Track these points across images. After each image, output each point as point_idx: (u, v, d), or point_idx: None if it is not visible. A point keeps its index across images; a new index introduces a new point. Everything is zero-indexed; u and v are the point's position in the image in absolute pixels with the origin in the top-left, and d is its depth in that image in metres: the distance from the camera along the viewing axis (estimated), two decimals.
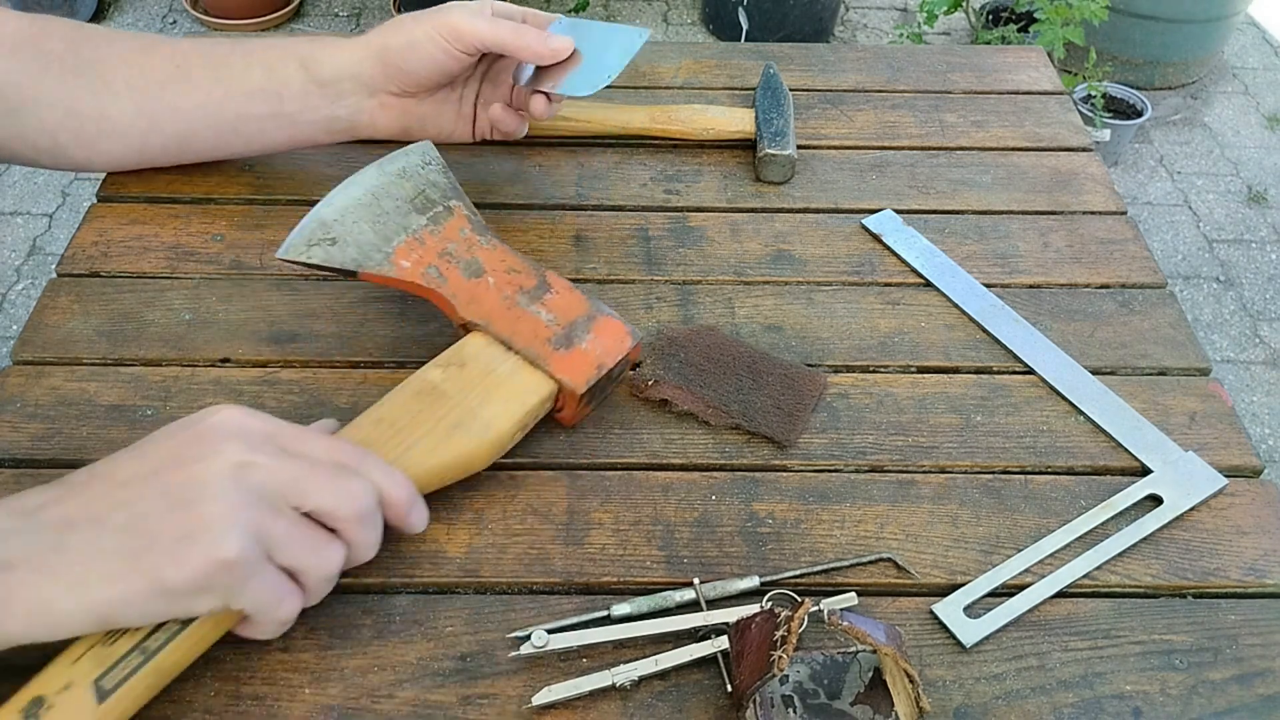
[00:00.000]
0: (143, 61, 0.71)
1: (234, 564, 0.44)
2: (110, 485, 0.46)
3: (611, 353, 0.61)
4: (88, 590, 0.43)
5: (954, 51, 0.99)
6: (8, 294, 2.04)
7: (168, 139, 0.73)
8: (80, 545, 0.44)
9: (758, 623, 0.49)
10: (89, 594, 0.43)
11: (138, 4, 2.85)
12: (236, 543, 0.44)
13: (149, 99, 0.71)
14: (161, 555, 0.44)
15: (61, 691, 0.44)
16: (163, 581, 0.44)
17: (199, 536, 0.44)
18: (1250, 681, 0.53)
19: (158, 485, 0.45)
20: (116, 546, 0.44)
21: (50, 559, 0.43)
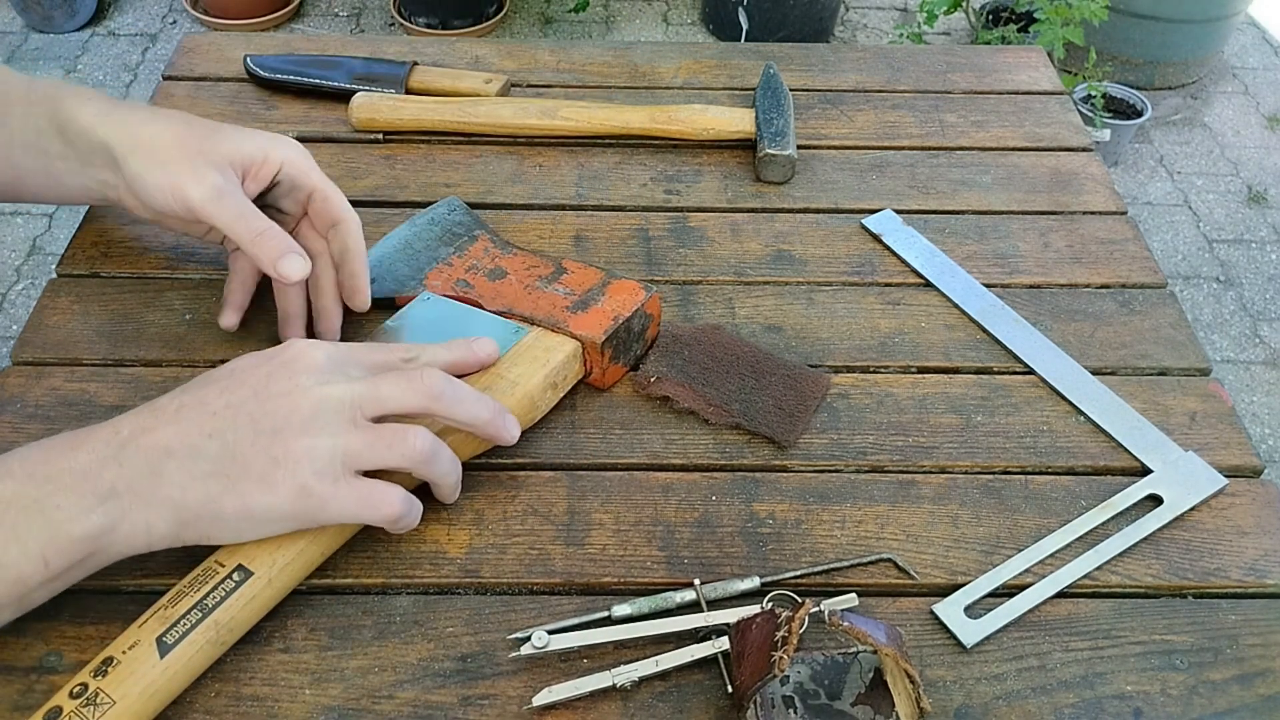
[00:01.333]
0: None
1: (313, 489, 0.49)
2: (202, 414, 0.50)
3: (627, 305, 0.65)
4: (184, 512, 0.49)
5: (954, 51, 0.99)
6: (8, 294, 2.04)
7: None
8: (178, 472, 0.48)
9: (758, 623, 0.49)
10: (158, 525, 0.48)
11: (138, 4, 2.85)
12: (315, 468, 0.49)
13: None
14: (252, 482, 0.49)
15: (129, 650, 0.48)
16: (252, 505, 0.49)
17: (284, 463, 0.49)
18: (1251, 681, 0.53)
19: (246, 415, 0.49)
20: (211, 472, 0.49)
21: (151, 485, 0.48)
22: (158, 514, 0.49)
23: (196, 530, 0.50)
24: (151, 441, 0.49)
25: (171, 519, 0.49)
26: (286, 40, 0.96)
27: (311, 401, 0.51)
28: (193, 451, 0.49)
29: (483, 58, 0.96)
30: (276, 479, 0.49)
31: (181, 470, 0.49)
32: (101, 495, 0.48)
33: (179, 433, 0.49)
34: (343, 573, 0.56)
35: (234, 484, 0.49)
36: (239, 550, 0.52)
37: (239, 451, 0.49)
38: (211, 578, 0.51)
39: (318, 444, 0.50)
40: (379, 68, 0.90)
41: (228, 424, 0.49)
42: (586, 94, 0.91)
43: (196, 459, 0.49)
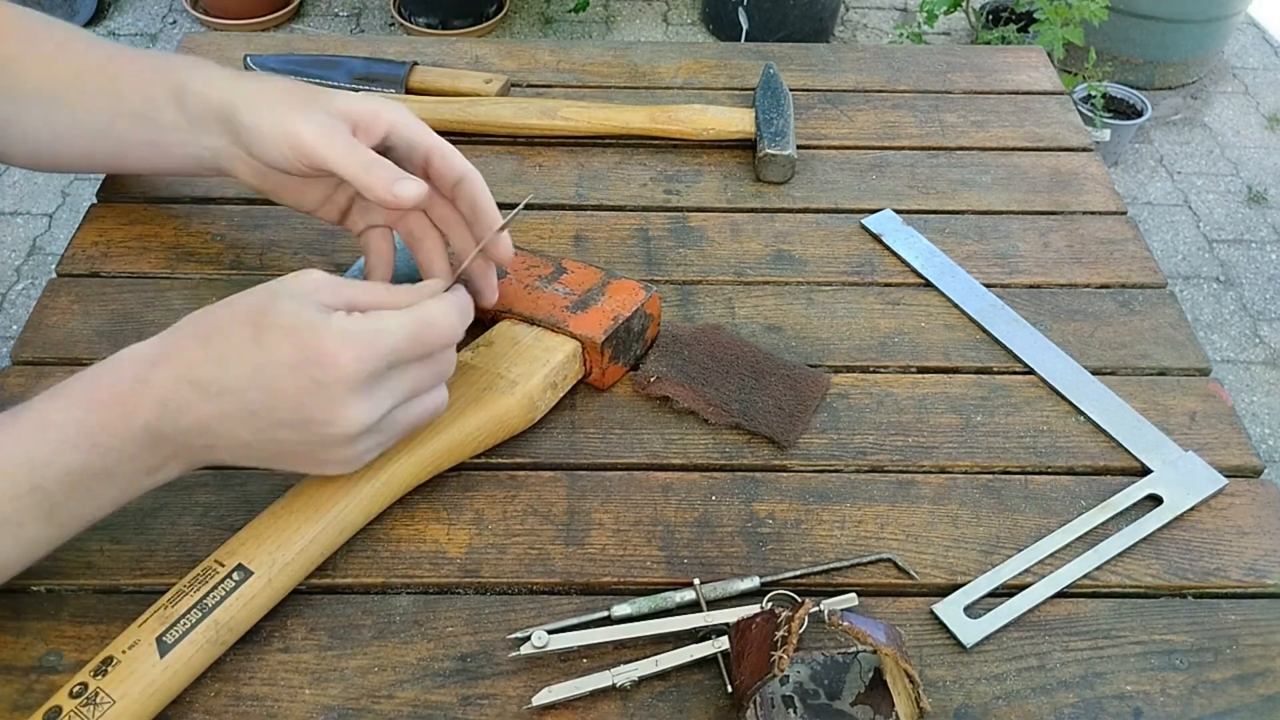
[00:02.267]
0: (50, 68, 0.68)
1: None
2: (244, 414, 0.50)
3: (626, 305, 0.64)
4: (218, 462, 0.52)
5: (954, 51, 0.99)
6: (8, 294, 2.04)
7: (75, 152, 0.70)
8: (227, 455, 0.52)
9: (758, 623, 0.49)
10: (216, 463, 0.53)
11: (138, 4, 2.85)
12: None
13: (54, 111, 0.68)
14: (300, 466, 0.53)
15: (129, 649, 0.48)
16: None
17: (330, 463, 0.53)
18: (1250, 681, 0.53)
19: (296, 433, 0.51)
20: (259, 459, 0.52)
21: (204, 455, 0.52)
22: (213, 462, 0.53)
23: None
24: (200, 426, 0.50)
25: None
26: (286, 40, 0.96)
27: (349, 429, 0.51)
28: (240, 445, 0.51)
29: (483, 58, 0.96)
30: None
31: (231, 453, 0.52)
32: (164, 457, 0.51)
33: (226, 428, 0.51)
34: (343, 573, 0.56)
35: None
36: (239, 550, 0.52)
37: (283, 451, 0.52)
38: (211, 577, 0.51)
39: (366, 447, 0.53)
40: (379, 68, 0.90)
41: (270, 434, 0.51)
42: (586, 94, 0.91)
43: (244, 450, 0.52)
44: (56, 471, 0.48)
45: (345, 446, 0.52)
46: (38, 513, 0.48)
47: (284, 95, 0.61)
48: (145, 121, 0.66)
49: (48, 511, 0.49)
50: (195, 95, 0.64)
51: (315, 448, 0.51)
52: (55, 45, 0.68)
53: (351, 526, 0.55)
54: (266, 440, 0.51)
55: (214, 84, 0.64)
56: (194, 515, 0.58)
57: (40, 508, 0.48)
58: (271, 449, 0.52)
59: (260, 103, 0.61)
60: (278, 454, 0.52)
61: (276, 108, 0.60)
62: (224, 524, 0.57)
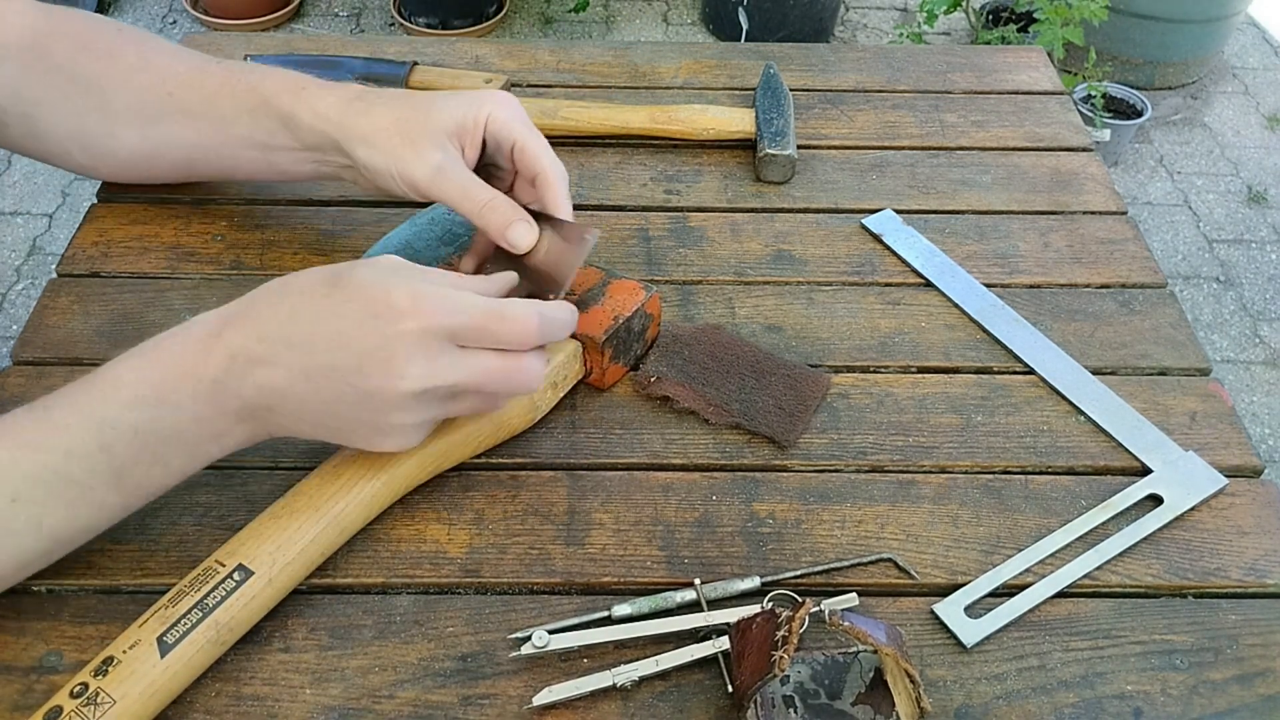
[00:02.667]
0: (141, 85, 0.69)
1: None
2: (320, 379, 0.50)
3: (626, 305, 0.64)
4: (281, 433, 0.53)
5: (954, 51, 0.99)
6: (8, 294, 2.04)
7: (172, 164, 0.73)
8: (287, 417, 0.52)
9: (758, 623, 0.49)
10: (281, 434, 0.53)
11: (138, 4, 2.85)
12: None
13: (150, 126, 0.70)
14: (357, 439, 0.53)
15: (129, 649, 0.48)
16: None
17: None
18: (1251, 681, 0.53)
19: (354, 393, 0.51)
20: (317, 424, 0.52)
21: (267, 418, 0.52)
22: (277, 431, 0.53)
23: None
24: (264, 379, 0.50)
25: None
26: (286, 40, 0.96)
27: (419, 392, 0.51)
28: (300, 404, 0.51)
29: (483, 58, 0.96)
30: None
31: (291, 417, 0.52)
32: (228, 419, 0.51)
33: (288, 381, 0.51)
34: (343, 573, 0.56)
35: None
36: (239, 550, 0.52)
37: (345, 417, 0.52)
38: (212, 577, 0.51)
39: (421, 423, 0.53)
40: (379, 68, 0.90)
41: (339, 394, 0.51)
42: (586, 94, 0.91)
43: (303, 411, 0.52)
44: (124, 431, 0.49)
45: (400, 411, 0.51)
46: (107, 475, 0.49)
47: (392, 129, 0.63)
48: (256, 145, 0.68)
49: (116, 473, 0.49)
50: (306, 128, 0.65)
51: (372, 409, 0.51)
52: (138, 62, 0.70)
53: (352, 526, 0.55)
54: (327, 399, 0.51)
55: (322, 116, 0.65)
56: (194, 515, 0.58)
57: (109, 469, 0.49)
58: (331, 410, 0.51)
59: (369, 143, 0.63)
60: (334, 417, 0.52)
61: (388, 149, 0.62)
62: (224, 524, 0.57)
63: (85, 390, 0.50)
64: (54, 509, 0.49)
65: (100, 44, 0.70)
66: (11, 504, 0.47)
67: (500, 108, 0.64)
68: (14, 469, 0.48)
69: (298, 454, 0.61)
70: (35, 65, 0.68)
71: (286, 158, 0.68)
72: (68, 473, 0.48)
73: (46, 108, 0.69)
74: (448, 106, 0.63)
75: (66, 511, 0.49)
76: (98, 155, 0.72)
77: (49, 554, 0.50)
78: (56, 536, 0.50)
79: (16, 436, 0.49)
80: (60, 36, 0.69)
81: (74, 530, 0.50)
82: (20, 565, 0.50)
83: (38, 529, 0.49)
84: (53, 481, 0.48)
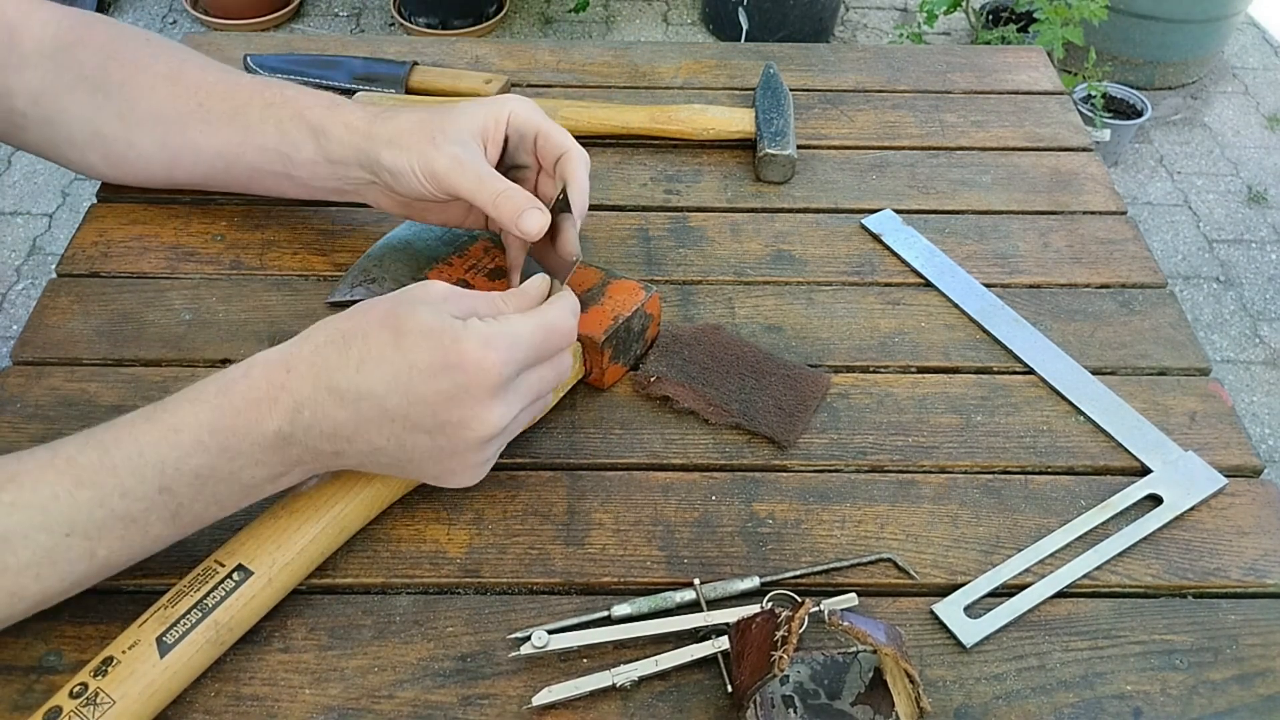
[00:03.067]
0: (168, 92, 0.69)
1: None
2: (381, 420, 0.51)
3: (626, 305, 0.64)
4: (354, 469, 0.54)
5: (954, 51, 0.99)
6: (8, 294, 2.04)
7: (190, 174, 0.73)
8: (355, 458, 0.53)
9: (758, 623, 0.49)
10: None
11: (138, 4, 2.85)
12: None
13: (172, 134, 0.70)
14: (426, 475, 0.55)
15: (128, 650, 0.48)
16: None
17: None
18: (1251, 681, 0.53)
19: (425, 439, 0.52)
20: (387, 465, 0.53)
21: (332, 461, 0.53)
22: (338, 468, 0.54)
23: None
24: (334, 430, 0.51)
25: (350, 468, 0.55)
26: (286, 40, 0.96)
27: (486, 431, 0.52)
28: (371, 450, 0.52)
29: (483, 58, 0.96)
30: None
31: (360, 457, 0.53)
32: (289, 464, 0.52)
33: (361, 434, 0.51)
34: (343, 573, 0.56)
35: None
36: (239, 550, 0.52)
37: (415, 456, 0.52)
38: (211, 577, 0.51)
39: (493, 453, 0.55)
40: (379, 68, 0.90)
41: (406, 439, 0.51)
42: (586, 94, 0.91)
43: (374, 455, 0.52)
44: (186, 474, 0.49)
45: (478, 451, 0.53)
46: (164, 514, 0.49)
47: (418, 129, 0.64)
48: (279, 156, 0.68)
49: (173, 513, 0.50)
50: (335, 140, 0.66)
51: (447, 454, 0.52)
52: (166, 71, 0.70)
53: (352, 526, 0.55)
54: (399, 445, 0.52)
55: (353, 128, 0.66)
56: None
57: (167, 509, 0.49)
58: (402, 454, 0.52)
59: (394, 144, 0.64)
60: (407, 460, 0.53)
61: (411, 146, 0.64)
62: (224, 524, 0.57)
63: (144, 431, 0.50)
64: (108, 542, 0.49)
65: (127, 53, 0.70)
66: (66, 538, 0.48)
67: (520, 104, 0.66)
68: (71, 505, 0.48)
69: None
70: (61, 73, 0.69)
71: (308, 171, 0.68)
72: (125, 511, 0.48)
73: (68, 114, 0.69)
74: (470, 109, 0.65)
75: (121, 544, 0.49)
76: (115, 162, 0.72)
77: (98, 578, 0.50)
78: (109, 565, 0.50)
79: (74, 474, 0.48)
80: (88, 46, 0.70)
81: (126, 559, 0.50)
82: (69, 589, 0.50)
83: (90, 559, 0.49)
84: (108, 519, 0.48)
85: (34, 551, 0.47)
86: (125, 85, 0.69)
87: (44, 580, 0.48)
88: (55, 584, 0.48)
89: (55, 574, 0.48)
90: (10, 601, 0.48)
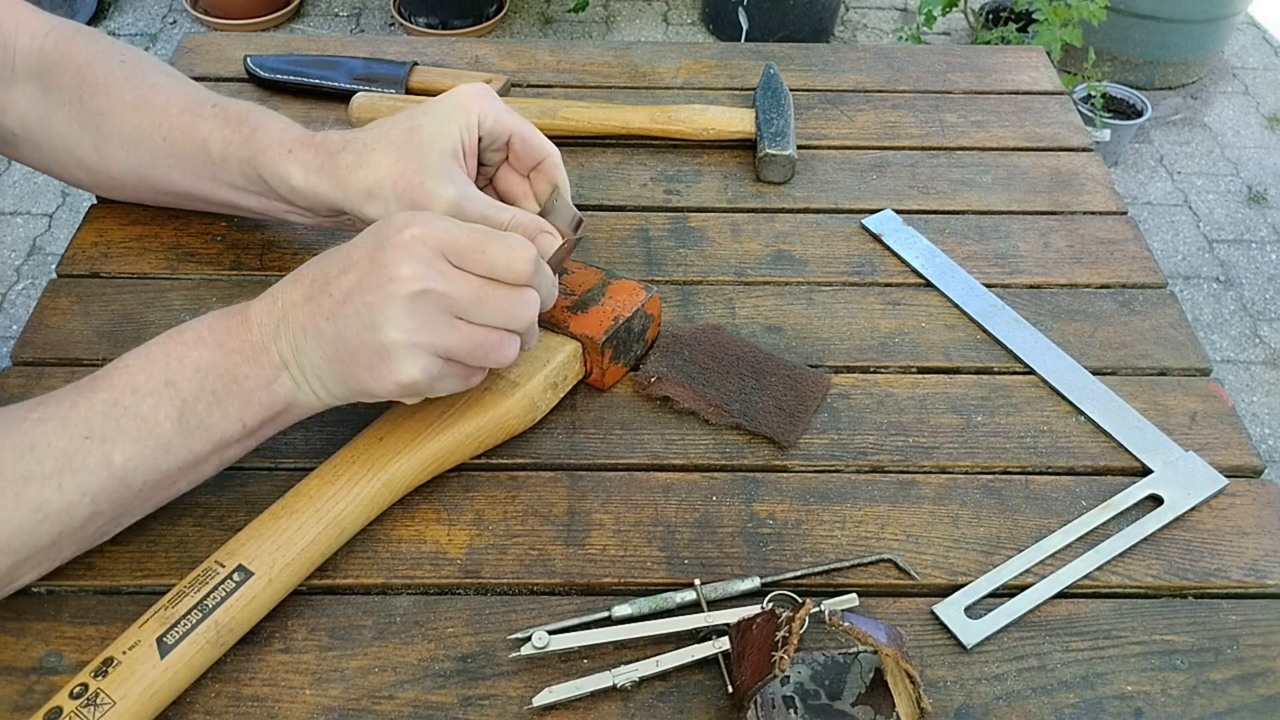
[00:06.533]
0: (136, 124, 0.69)
1: (414, 383, 0.53)
2: (324, 296, 0.52)
3: (626, 305, 0.64)
4: (330, 382, 0.54)
5: (954, 51, 0.99)
6: (8, 294, 2.04)
7: (169, 201, 0.73)
8: (311, 351, 0.53)
9: (759, 623, 0.49)
10: (320, 393, 0.54)
11: (138, 4, 2.85)
12: (413, 367, 0.52)
13: (145, 167, 0.70)
14: (362, 370, 0.53)
15: (129, 650, 0.48)
16: (365, 390, 0.54)
17: (386, 358, 0.52)
18: (1251, 682, 0.53)
19: (354, 305, 0.52)
20: (330, 354, 0.53)
21: (299, 359, 0.53)
22: (317, 382, 0.54)
23: (350, 396, 0.55)
24: (296, 317, 0.53)
25: (325, 388, 0.54)
26: (286, 40, 0.96)
27: (410, 296, 0.51)
28: (317, 333, 0.53)
29: (483, 58, 0.96)
30: (381, 372, 0.52)
31: (313, 349, 0.53)
32: (276, 366, 0.53)
33: (309, 313, 0.53)
34: (343, 573, 0.56)
35: (348, 368, 0.53)
36: (239, 551, 0.52)
37: (349, 339, 0.52)
38: (212, 578, 0.51)
39: (413, 342, 0.51)
40: (379, 68, 0.90)
41: (340, 310, 0.52)
42: (586, 94, 0.91)
43: (320, 341, 0.53)
44: (188, 367, 0.52)
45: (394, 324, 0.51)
46: (170, 410, 0.51)
47: (397, 175, 0.62)
48: (252, 195, 0.69)
49: (180, 410, 0.51)
50: (302, 194, 0.65)
51: (371, 329, 0.51)
52: (135, 100, 0.69)
53: (352, 527, 0.55)
54: (336, 322, 0.52)
55: (311, 182, 0.64)
56: (194, 515, 0.58)
57: (173, 404, 0.51)
58: (341, 335, 0.52)
59: (379, 196, 0.62)
60: (345, 344, 0.52)
61: (395, 195, 0.62)
62: (224, 524, 0.57)
63: (153, 339, 0.54)
64: (122, 444, 0.50)
65: (100, 78, 0.69)
66: (85, 441, 0.50)
67: (489, 106, 0.64)
68: (88, 410, 0.51)
69: (298, 454, 0.61)
70: (46, 96, 0.69)
71: (281, 212, 0.69)
72: (135, 409, 0.51)
73: (51, 138, 0.70)
74: (439, 128, 0.62)
75: (134, 448, 0.51)
76: (100, 184, 0.74)
77: (116, 496, 0.51)
78: (125, 477, 0.51)
79: (92, 383, 0.52)
80: (65, 66, 0.69)
81: (142, 471, 0.51)
82: (89, 507, 0.50)
83: (108, 465, 0.50)
84: (120, 416, 0.51)
85: (56, 459, 0.49)
86: (99, 116, 0.69)
87: (66, 491, 0.49)
88: (76, 496, 0.50)
89: (75, 484, 0.50)
90: (36, 519, 0.49)
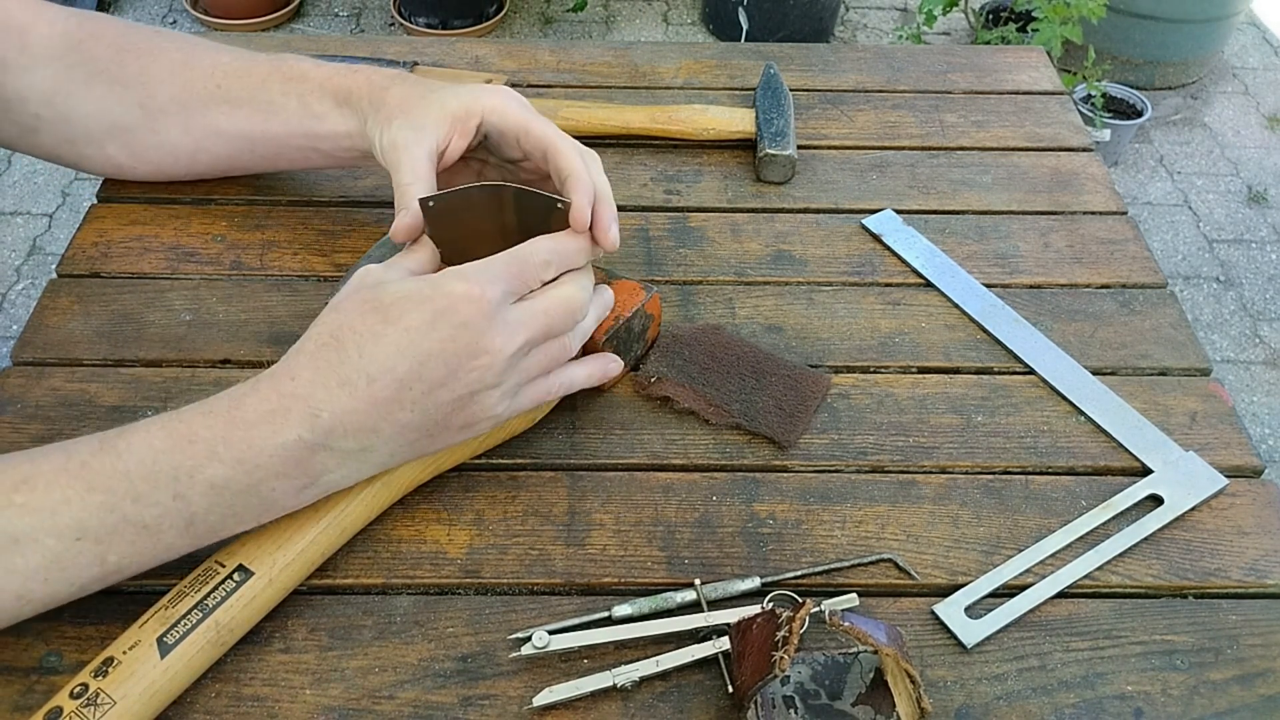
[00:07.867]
0: (186, 77, 0.70)
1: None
2: (402, 395, 0.51)
3: (627, 305, 0.64)
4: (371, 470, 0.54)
5: (954, 51, 0.99)
6: (8, 294, 2.04)
7: (215, 158, 0.73)
8: (386, 445, 0.52)
9: (759, 623, 0.49)
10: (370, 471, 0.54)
11: (138, 4, 2.85)
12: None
13: (194, 118, 0.70)
14: (452, 433, 0.54)
15: (129, 650, 0.48)
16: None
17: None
18: (1251, 682, 0.53)
19: (448, 389, 0.52)
20: (415, 438, 0.53)
21: (361, 459, 0.52)
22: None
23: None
24: (357, 424, 0.51)
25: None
26: (286, 40, 0.96)
27: (498, 357, 0.52)
28: (398, 430, 0.52)
29: (483, 58, 0.96)
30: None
31: (389, 443, 0.52)
32: (314, 475, 0.51)
33: (384, 415, 0.51)
34: (343, 573, 0.56)
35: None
36: (239, 550, 0.52)
37: (439, 419, 0.53)
38: (212, 578, 0.51)
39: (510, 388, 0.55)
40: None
41: (426, 398, 0.52)
42: (586, 94, 0.91)
43: (399, 429, 0.52)
44: (200, 484, 0.48)
45: (496, 385, 0.53)
46: (178, 522, 0.49)
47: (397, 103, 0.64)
48: (304, 131, 0.69)
49: (188, 521, 0.49)
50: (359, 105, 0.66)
51: (469, 398, 0.53)
52: (183, 58, 0.70)
53: (352, 527, 0.55)
54: (423, 411, 0.52)
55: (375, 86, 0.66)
56: None
57: (181, 517, 0.49)
58: (429, 420, 0.52)
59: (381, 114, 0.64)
60: (434, 424, 0.53)
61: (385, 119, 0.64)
62: None
63: (159, 438, 0.49)
64: (119, 548, 0.48)
65: (141, 44, 0.70)
66: (76, 542, 0.47)
67: (502, 99, 0.64)
68: (82, 509, 0.47)
69: None
70: (74, 70, 0.69)
71: (332, 142, 0.69)
72: (137, 517, 0.48)
73: (84, 109, 0.69)
74: (454, 94, 0.64)
75: (131, 550, 0.48)
76: (138, 153, 0.72)
77: (109, 583, 0.50)
78: (120, 570, 0.49)
79: (87, 478, 0.47)
80: (99, 40, 0.70)
81: (137, 566, 0.50)
82: (78, 592, 0.49)
83: (101, 564, 0.48)
84: (120, 525, 0.48)
85: (43, 556, 0.46)
86: (143, 74, 0.69)
87: (52, 584, 0.47)
88: (63, 588, 0.48)
89: (64, 579, 0.48)
90: (17, 605, 0.47)
